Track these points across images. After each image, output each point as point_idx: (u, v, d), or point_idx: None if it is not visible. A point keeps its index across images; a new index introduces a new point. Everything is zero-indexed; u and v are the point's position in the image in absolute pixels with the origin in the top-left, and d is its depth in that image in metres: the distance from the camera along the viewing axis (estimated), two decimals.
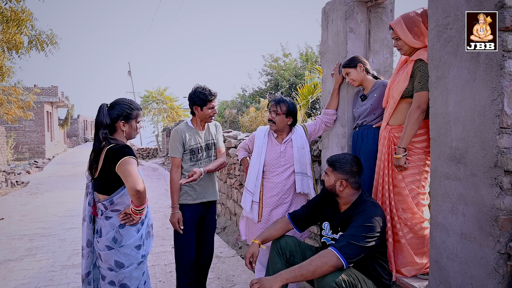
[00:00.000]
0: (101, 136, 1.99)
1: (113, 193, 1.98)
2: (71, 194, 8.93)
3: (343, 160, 2.12)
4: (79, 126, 35.40)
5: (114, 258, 1.96)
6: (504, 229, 1.55)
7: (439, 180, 1.87)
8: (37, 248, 4.77)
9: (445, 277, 1.83)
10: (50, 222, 6.15)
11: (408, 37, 2.14)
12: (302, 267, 1.85)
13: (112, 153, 1.93)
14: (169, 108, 21.31)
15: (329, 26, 2.95)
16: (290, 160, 2.71)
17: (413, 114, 2.07)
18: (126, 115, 2.07)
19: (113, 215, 1.99)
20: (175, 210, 2.74)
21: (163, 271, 3.89)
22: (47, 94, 20.52)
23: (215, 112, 2.80)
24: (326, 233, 2.22)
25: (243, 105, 15.30)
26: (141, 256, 2.03)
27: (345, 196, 2.12)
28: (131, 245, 1.98)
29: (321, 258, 1.85)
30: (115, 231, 1.97)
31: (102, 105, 2.07)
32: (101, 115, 2.02)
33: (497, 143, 1.55)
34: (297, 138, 2.75)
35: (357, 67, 2.56)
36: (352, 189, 2.10)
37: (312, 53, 14.46)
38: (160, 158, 17.71)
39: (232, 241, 4.91)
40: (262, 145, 2.79)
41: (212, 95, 2.76)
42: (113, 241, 1.96)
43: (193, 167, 2.80)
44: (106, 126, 2.01)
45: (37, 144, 20.19)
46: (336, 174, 2.10)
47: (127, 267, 1.97)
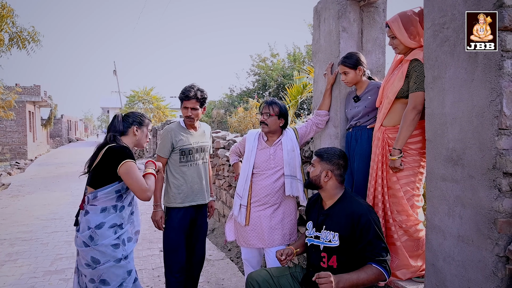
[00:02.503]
0: (111, 137, 2.14)
1: (100, 188, 2.04)
2: (54, 196, 8.69)
3: (331, 151, 2.13)
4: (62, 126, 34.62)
5: (90, 254, 2.01)
6: (503, 232, 1.52)
7: (435, 182, 1.84)
8: (18, 253, 4.60)
9: (442, 281, 1.81)
10: (32, 226, 5.95)
11: (404, 36, 2.10)
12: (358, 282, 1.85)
13: (112, 152, 2.04)
14: (155, 108, 21.06)
15: (321, 25, 2.91)
16: (280, 162, 2.67)
17: (409, 115, 2.04)
18: (140, 122, 2.29)
19: (90, 210, 2.04)
20: (157, 208, 2.71)
21: (151, 276, 3.78)
22: (29, 94, 19.99)
23: (190, 115, 2.70)
24: (309, 233, 2.17)
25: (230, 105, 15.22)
26: (121, 255, 2.04)
27: (328, 189, 2.09)
28: (106, 244, 2.01)
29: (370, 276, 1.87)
30: (92, 231, 2.01)
31: (117, 114, 2.27)
32: (116, 122, 2.22)
33: (496, 144, 1.53)
34: (287, 141, 2.72)
35: (357, 70, 2.48)
36: (337, 182, 2.09)
37: (300, 53, 14.47)
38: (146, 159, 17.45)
39: (221, 243, 4.83)
40: (252, 148, 2.74)
41: (185, 94, 2.67)
42: (89, 239, 2.02)
43: (183, 168, 2.74)
44: (117, 131, 2.18)
45: (18, 144, 19.65)
46: (323, 164, 2.10)
47: (104, 264, 2.00)
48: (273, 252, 2.63)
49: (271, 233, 2.63)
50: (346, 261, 1.97)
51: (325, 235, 2.05)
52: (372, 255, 1.89)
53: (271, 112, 2.65)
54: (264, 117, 2.67)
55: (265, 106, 2.70)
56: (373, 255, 1.89)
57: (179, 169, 2.74)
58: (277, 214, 2.66)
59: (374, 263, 1.88)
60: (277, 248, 2.62)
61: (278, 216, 2.66)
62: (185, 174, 2.75)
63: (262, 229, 2.64)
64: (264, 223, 2.64)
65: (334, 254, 2.01)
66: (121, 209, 2.02)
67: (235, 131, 9.31)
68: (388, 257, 1.92)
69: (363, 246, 1.92)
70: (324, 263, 2.04)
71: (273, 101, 2.73)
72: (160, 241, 4.89)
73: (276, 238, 2.64)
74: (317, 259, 2.08)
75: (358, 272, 1.86)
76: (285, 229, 2.67)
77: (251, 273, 2.29)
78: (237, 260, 4.19)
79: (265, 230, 2.63)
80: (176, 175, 2.75)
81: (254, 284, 2.19)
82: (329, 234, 2.03)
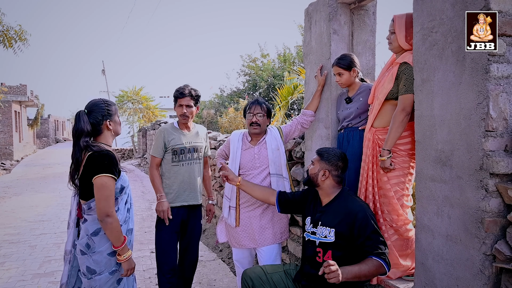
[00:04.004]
0: (82, 144, 1.92)
1: (92, 199, 1.96)
2: (41, 197, 8.55)
3: (332, 152, 2.18)
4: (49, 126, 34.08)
5: (86, 263, 1.95)
6: (490, 231, 1.57)
7: (424, 182, 1.88)
8: (5, 256, 4.52)
9: (431, 279, 1.85)
10: (19, 228, 5.85)
11: (401, 34, 2.14)
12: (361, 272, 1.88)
13: (91, 161, 1.90)
14: (145, 108, 20.84)
15: (312, 28, 2.93)
16: (265, 161, 2.67)
17: (398, 116, 2.08)
18: (108, 113, 2.04)
19: (88, 218, 1.98)
20: (162, 199, 2.67)
21: (142, 277, 3.76)
22: (15, 93, 19.62)
23: (184, 112, 2.74)
24: (307, 228, 2.22)
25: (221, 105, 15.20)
26: (115, 264, 1.99)
27: (325, 187, 2.16)
28: (103, 251, 1.96)
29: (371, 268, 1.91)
30: (88, 238, 1.96)
31: (79, 112, 2.00)
32: (82, 123, 1.94)
33: (483, 146, 1.57)
34: (271, 140, 2.72)
35: (352, 71, 2.51)
36: (334, 182, 2.15)
37: (290, 54, 14.53)
38: (136, 159, 17.30)
39: (212, 244, 4.82)
40: (237, 150, 2.75)
41: (180, 92, 2.72)
42: (86, 247, 1.96)
43: (175, 168, 2.74)
44: (87, 133, 1.94)
45: (4, 145, 19.26)
46: (322, 163, 2.15)
47: (99, 274, 1.95)
48: (264, 251, 2.65)
49: (262, 232, 2.65)
50: (341, 256, 2.01)
51: (321, 231, 2.10)
52: (371, 249, 1.94)
53: (263, 112, 2.66)
54: (257, 117, 2.66)
55: (256, 107, 2.67)
56: (372, 248, 1.94)
57: (171, 169, 2.75)
58: (266, 213, 2.67)
59: (374, 256, 1.92)
60: (269, 247, 2.64)
61: (267, 215, 2.67)
62: (177, 174, 2.75)
63: (252, 229, 2.65)
64: (255, 223, 2.65)
65: (329, 249, 2.05)
66: (116, 211, 1.99)
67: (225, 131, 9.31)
68: (387, 250, 1.97)
69: (362, 242, 1.97)
70: (319, 258, 2.09)
71: (261, 100, 2.74)
72: (150, 243, 4.86)
73: (267, 237, 2.65)
74: (313, 254, 2.13)
75: (359, 265, 1.90)
76: (275, 227, 2.68)
77: (246, 270, 2.35)
78: (229, 260, 4.19)
79: (256, 230, 2.64)
80: (168, 175, 2.76)
81: (248, 280, 2.27)
82: (325, 230, 2.08)
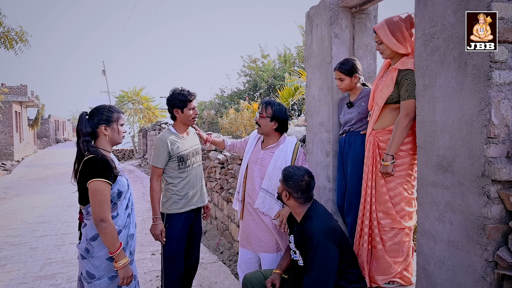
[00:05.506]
0: (82, 144, 1.97)
1: (88, 204, 1.97)
2: (42, 198, 8.55)
3: (294, 174, 2.16)
4: (50, 127, 34.04)
5: (85, 268, 1.96)
6: (492, 238, 1.57)
7: (426, 188, 1.88)
8: (6, 258, 4.52)
9: (432, 284, 1.85)
10: (20, 230, 5.85)
11: (391, 41, 2.14)
12: None
13: (85, 166, 1.92)
14: (145, 108, 20.85)
15: (313, 31, 2.93)
16: (264, 170, 2.64)
17: (402, 122, 2.07)
18: (107, 119, 2.04)
19: (87, 223, 1.99)
20: (157, 222, 2.63)
21: (143, 280, 3.76)
22: (15, 94, 19.62)
23: (197, 113, 2.78)
24: (292, 246, 2.25)
25: (221, 106, 15.17)
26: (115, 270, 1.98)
27: (291, 206, 2.20)
28: (102, 256, 1.96)
29: None
30: (87, 243, 1.97)
31: (81, 113, 2.06)
32: (81, 124, 2.00)
33: (485, 152, 1.57)
34: (279, 155, 2.62)
35: (353, 77, 2.50)
36: (296, 202, 2.16)
37: (291, 54, 14.51)
38: (136, 160, 17.30)
39: (213, 246, 4.83)
40: (250, 147, 2.81)
41: (191, 94, 2.74)
42: (85, 251, 1.97)
43: (182, 174, 2.71)
44: (86, 134, 2.00)
45: (5, 145, 19.26)
46: (283, 185, 2.18)
47: (98, 279, 1.95)
48: (263, 257, 2.66)
49: (257, 240, 2.64)
50: None
51: (295, 251, 2.17)
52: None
53: (263, 113, 2.63)
54: (258, 117, 2.66)
55: (261, 106, 2.68)
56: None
57: (179, 176, 2.69)
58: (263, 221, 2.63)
59: None
60: (265, 254, 2.64)
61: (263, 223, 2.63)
62: (185, 180, 2.71)
63: (249, 233, 2.69)
64: (251, 227, 2.68)
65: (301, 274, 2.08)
66: (115, 217, 1.99)
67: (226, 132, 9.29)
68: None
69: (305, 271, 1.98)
70: None
71: (268, 102, 2.68)
72: (151, 245, 4.86)
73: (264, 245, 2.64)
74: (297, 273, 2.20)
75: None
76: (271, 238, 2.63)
77: (246, 275, 2.40)
78: (230, 263, 4.19)
79: (252, 235, 2.66)
80: (176, 182, 2.69)
81: (248, 285, 2.32)
82: (296, 252, 2.15)
